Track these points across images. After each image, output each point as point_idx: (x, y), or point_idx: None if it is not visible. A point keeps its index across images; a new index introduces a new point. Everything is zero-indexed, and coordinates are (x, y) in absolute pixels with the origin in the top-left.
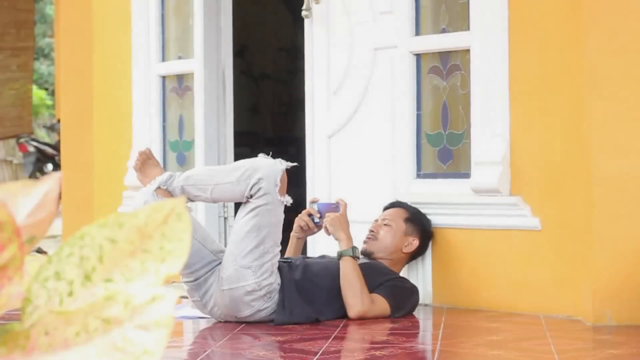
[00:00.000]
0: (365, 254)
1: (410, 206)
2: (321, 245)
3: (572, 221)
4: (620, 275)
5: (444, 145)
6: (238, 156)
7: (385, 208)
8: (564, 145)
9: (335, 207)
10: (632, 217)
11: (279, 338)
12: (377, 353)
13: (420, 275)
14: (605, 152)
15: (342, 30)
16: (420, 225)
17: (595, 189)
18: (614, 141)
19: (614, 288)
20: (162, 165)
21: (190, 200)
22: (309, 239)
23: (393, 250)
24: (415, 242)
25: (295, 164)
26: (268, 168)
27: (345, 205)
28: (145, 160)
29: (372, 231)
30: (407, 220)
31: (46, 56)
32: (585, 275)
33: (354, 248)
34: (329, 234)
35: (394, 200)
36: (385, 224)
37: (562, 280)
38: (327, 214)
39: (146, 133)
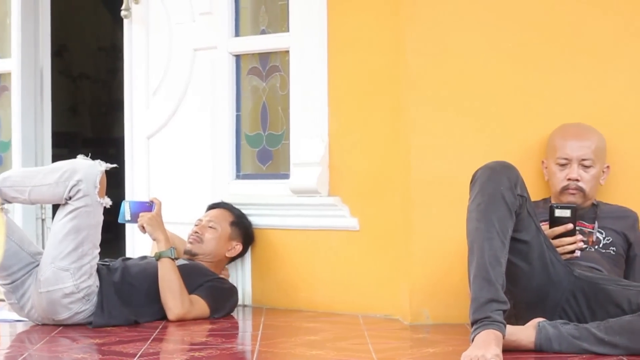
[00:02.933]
0: (190, 254)
1: (235, 208)
2: (142, 247)
3: (391, 222)
4: (437, 275)
5: (263, 146)
6: (56, 157)
7: (210, 208)
8: (382, 147)
9: (149, 206)
10: (448, 218)
11: (98, 340)
12: (197, 354)
13: (240, 276)
14: (423, 153)
15: (162, 31)
16: (244, 230)
17: (412, 190)
18: (431, 143)
19: (431, 287)
20: None
21: (7, 202)
22: (128, 239)
23: (217, 254)
24: (238, 247)
25: (114, 165)
26: (87, 169)
27: (160, 204)
28: None
29: (197, 232)
30: (233, 224)
31: None
32: (403, 275)
33: (172, 249)
34: (144, 232)
35: (219, 201)
36: (210, 226)
37: (381, 280)
38: (141, 214)
39: None
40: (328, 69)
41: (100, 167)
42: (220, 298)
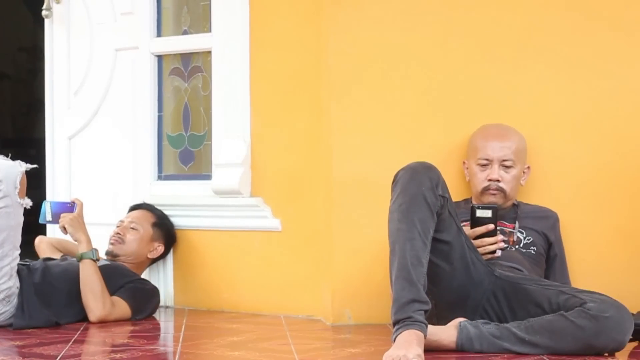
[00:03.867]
0: (111, 255)
1: (157, 209)
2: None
3: (313, 222)
4: (358, 276)
5: (185, 147)
6: None
7: (132, 209)
8: (304, 147)
9: (70, 206)
10: (369, 219)
11: (18, 342)
12: (118, 356)
13: (162, 277)
14: (344, 154)
15: (83, 31)
16: (166, 231)
17: (334, 191)
18: (353, 143)
19: (353, 288)
20: None
21: None
22: None
23: (138, 255)
24: (160, 248)
25: (35, 165)
26: (7, 170)
27: (82, 204)
28: None
29: (118, 233)
30: (154, 225)
31: None
32: (325, 276)
33: (94, 250)
34: (66, 233)
35: (141, 202)
36: (132, 227)
37: (303, 281)
38: (63, 214)
39: None
40: (250, 70)
41: (20, 167)
42: (142, 299)
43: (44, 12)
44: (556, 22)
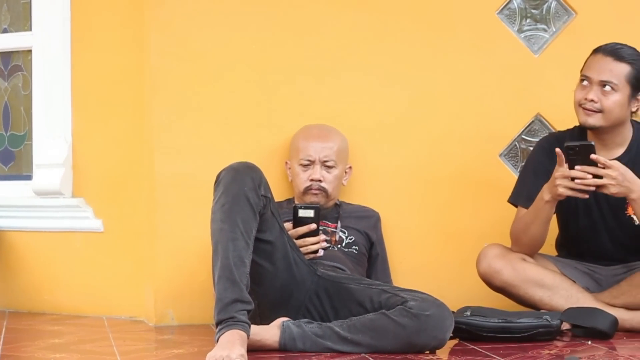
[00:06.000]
0: None
1: None
2: None
3: (135, 223)
4: (181, 276)
5: (5, 147)
6: None
7: None
8: (127, 147)
9: None
10: (193, 219)
11: None
12: None
13: None
14: (166, 154)
15: None
16: None
17: (157, 191)
18: (175, 143)
19: (176, 289)
20: None
21: None
22: None
23: None
24: None
25: None
26: None
27: None
28: None
29: None
30: None
31: None
32: (148, 276)
33: None
34: None
35: None
36: None
37: (125, 282)
38: None
39: None
40: (72, 69)
41: None
42: None
43: None
44: (375, 28)
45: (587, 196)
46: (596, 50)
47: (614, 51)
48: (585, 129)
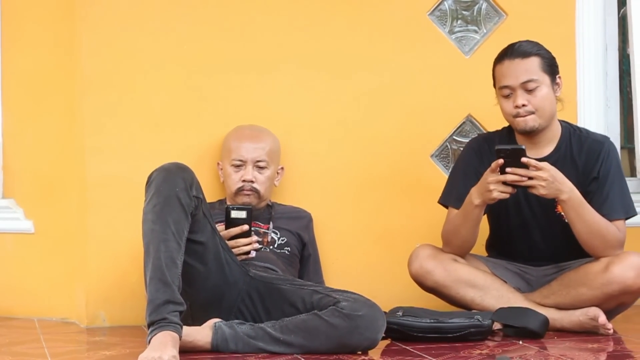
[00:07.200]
0: None
1: None
2: None
3: (67, 224)
4: (113, 277)
5: None
6: None
7: None
8: (58, 147)
9: None
10: (124, 220)
11: None
12: None
13: None
14: (97, 155)
15: None
16: None
17: (88, 192)
18: (106, 144)
19: (108, 290)
20: None
21: None
22: None
23: None
24: None
25: None
26: None
27: None
28: None
29: None
30: None
31: None
32: (79, 278)
33: None
34: None
35: None
36: None
37: (57, 283)
38: None
39: None
40: (2, 68)
41: None
42: None
43: None
44: (307, 28)
45: (515, 190)
46: (500, 60)
47: (518, 52)
48: (513, 130)
